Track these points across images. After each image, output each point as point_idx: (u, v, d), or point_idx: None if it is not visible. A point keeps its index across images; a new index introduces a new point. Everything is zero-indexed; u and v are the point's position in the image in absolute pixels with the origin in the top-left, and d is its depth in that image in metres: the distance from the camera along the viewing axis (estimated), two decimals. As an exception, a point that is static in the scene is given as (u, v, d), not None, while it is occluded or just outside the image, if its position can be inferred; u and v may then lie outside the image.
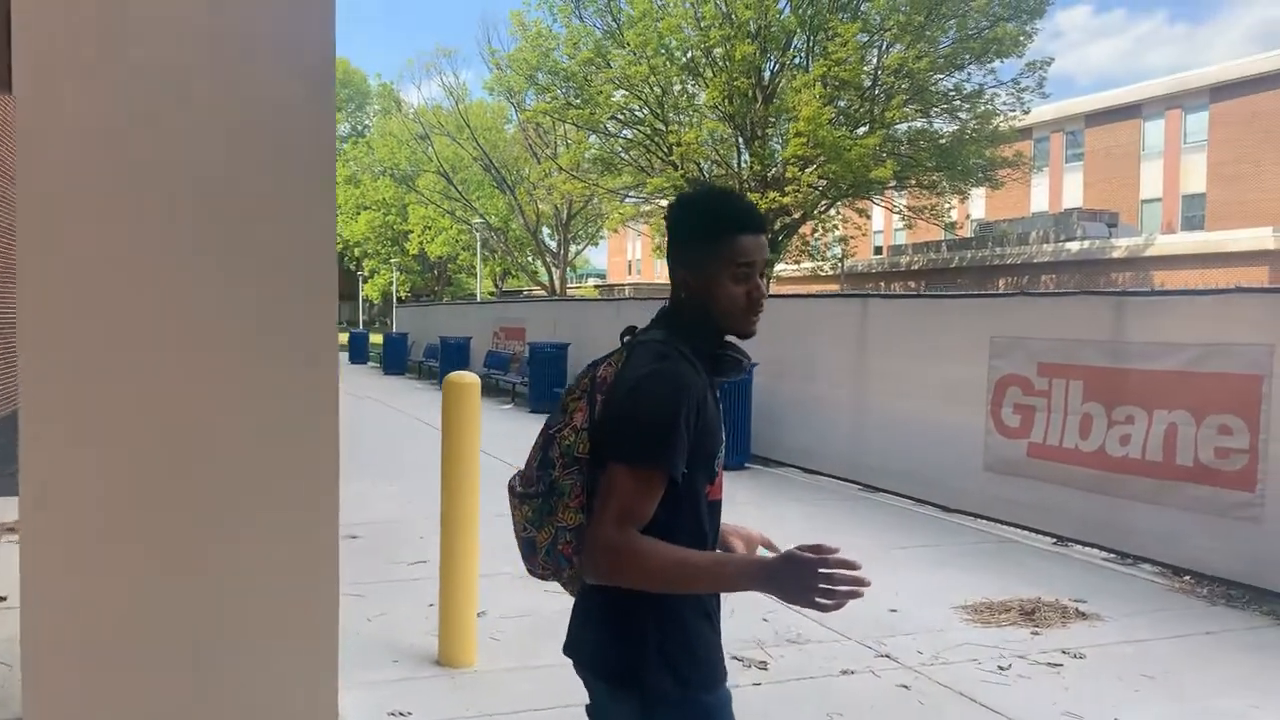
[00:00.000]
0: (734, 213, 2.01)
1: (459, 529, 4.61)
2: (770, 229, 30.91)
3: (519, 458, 9.14)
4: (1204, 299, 6.43)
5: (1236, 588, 6.05)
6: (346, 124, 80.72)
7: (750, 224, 1.99)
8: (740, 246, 1.96)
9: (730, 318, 1.99)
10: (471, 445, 4.60)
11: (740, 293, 1.97)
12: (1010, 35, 28.01)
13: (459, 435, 4.56)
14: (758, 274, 1.99)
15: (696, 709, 1.94)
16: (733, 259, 1.96)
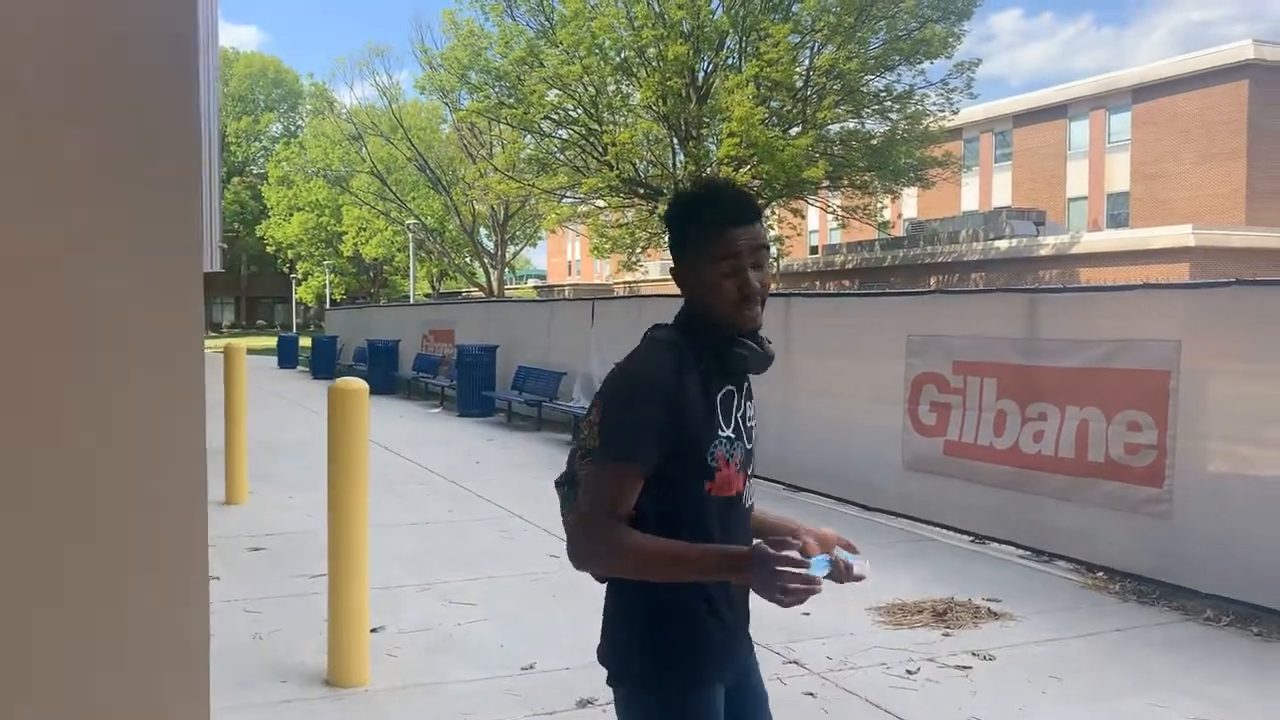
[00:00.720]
0: (716, 204, 1.97)
1: (347, 543, 4.40)
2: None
3: (440, 463, 8.97)
4: (1113, 295, 6.45)
5: (1148, 584, 6.06)
6: (279, 124, 79.34)
7: (732, 215, 1.95)
8: (723, 238, 1.93)
9: (721, 311, 1.95)
10: (359, 456, 4.40)
11: (730, 286, 1.93)
12: (939, 37, 28.34)
13: (346, 445, 4.36)
14: (748, 265, 1.93)
15: (675, 706, 1.94)
16: (717, 252, 1.93)
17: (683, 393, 1.92)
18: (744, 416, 2.04)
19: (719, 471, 1.96)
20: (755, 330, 2.00)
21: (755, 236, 1.96)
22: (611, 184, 31.05)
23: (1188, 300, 5.90)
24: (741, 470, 2.01)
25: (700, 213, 1.97)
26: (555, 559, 6.72)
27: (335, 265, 66.42)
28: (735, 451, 1.99)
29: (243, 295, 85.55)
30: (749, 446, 2.05)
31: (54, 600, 1.90)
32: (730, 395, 2.01)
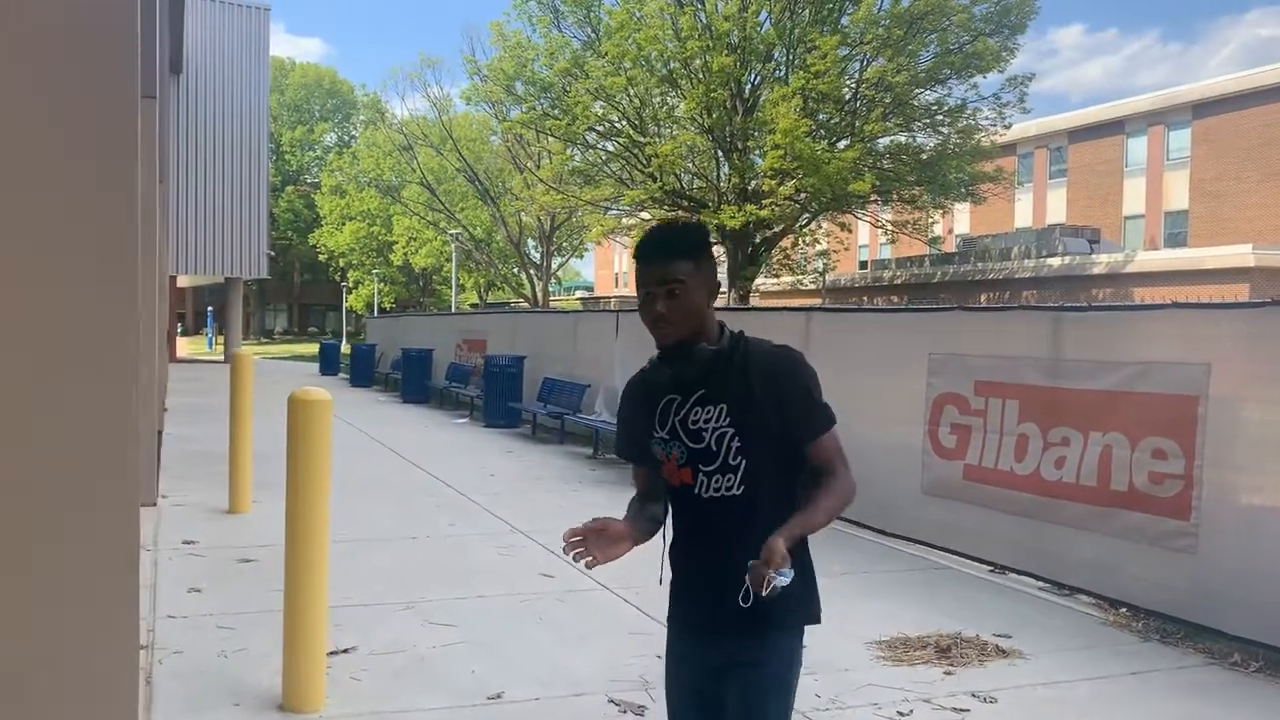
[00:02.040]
0: (640, 243, 2.38)
1: (305, 561, 4.20)
2: (750, 242, 30.63)
3: (454, 475, 8.72)
4: (1139, 315, 6.08)
5: (1172, 622, 5.67)
6: (333, 134, 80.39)
7: (636, 254, 2.38)
8: (636, 278, 2.39)
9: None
10: (320, 469, 4.20)
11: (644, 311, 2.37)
12: (991, 50, 27.83)
13: (306, 458, 4.16)
14: (658, 294, 2.32)
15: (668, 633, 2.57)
16: (638, 281, 2.38)
17: (631, 401, 2.54)
18: (683, 420, 2.38)
19: (663, 465, 2.43)
20: (668, 346, 2.36)
21: (662, 271, 2.31)
22: (655, 195, 30.87)
23: (1218, 321, 5.52)
24: (685, 466, 2.37)
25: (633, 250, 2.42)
26: (549, 578, 6.50)
27: (385, 274, 67.02)
28: (672, 449, 2.39)
29: (295, 302, 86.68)
30: (693, 446, 2.36)
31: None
32: (670, 402, 2.40)
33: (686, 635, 2.49)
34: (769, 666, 2.38)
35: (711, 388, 2.35)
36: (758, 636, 2.35)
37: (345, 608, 5.73)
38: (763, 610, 2.24)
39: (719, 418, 2.34)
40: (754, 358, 2.36)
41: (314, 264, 76.71)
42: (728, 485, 2.35)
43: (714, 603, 2.36)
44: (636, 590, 6.22)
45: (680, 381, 2.37)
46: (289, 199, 77.28)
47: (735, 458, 2.33)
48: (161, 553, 6.93)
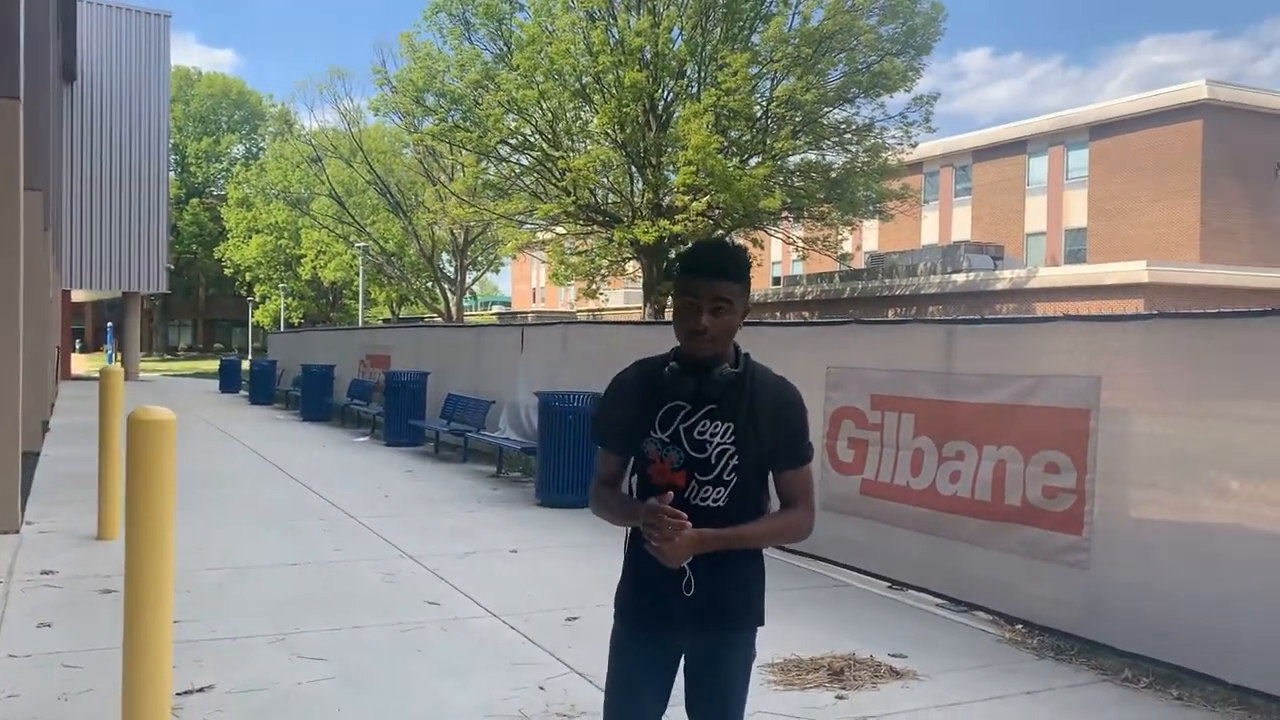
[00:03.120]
0: (687, 256, 2.55)
1: (146, 595, 3.85)
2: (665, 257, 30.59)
3: (347, 497, 8.30)
4: (1032, 328, 6.06)
5: (1066, 639, 5.61)
6: (240, 146, 78.49)
7: (687, 265, 2.53)
8: (680, 284, 2.53)
9: (678, 338, 2.56)
10: (163, 495, 3.86)
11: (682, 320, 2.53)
12: (898, 70, 28.27)
13: (146, 484, 3.82)
14: (706, 308, 2.47)
15: (615, 624, 2.69)
16: (678, 290, 2.53)
17: (627, 395, 2.62)
18: (689, 429, 2.52)
19: (652, 464, 2.54)
20: (701, 359, 2.51)
21: (716, 288, 2.47)
22: (568, 210, 30.67)
23: (1108, 334, 5.50)
24: (680, 470, 2.51)
25: (679, 261, 2.57)
26: (434, 606, 6.20)
27: (293, 289, 65.50)
28: (670, 453, 2.52)
29: (200, 318, 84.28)
30: (694, 455, 2.51)
31: None
32: (677, 409, 2.53)
33: (640, 628, 2.61)
34: (732, 659, 2.59)
35: (723, 405, 2.51)
36: (718, 634, 2.57)
37: (210, 641, 5.37)
38: (720, 608, 2.53)
39: (724, 435, 2.51)
40: (761, 384, 2.55)
41: (220, 278, 74.65)
42: (715, 497, 2.52)
43: (674, 599, 2.51)
44: (525, 617, 5.98)
45: (695, 393, 2.50)
46: (194, 211, 75.18)
47: (729, 474, 2.52)
48: (15, 584, 6.45)
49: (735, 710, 2.64)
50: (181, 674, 4.80)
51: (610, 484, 2.69)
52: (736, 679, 2.62)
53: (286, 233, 63.00)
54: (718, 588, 2.53)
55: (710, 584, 2.51)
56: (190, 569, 6.97)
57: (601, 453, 2.74)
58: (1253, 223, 37.04)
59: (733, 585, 2.56)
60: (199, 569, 6.94)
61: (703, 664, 2.61)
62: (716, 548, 2.47)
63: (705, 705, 2.63)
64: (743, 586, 2.59)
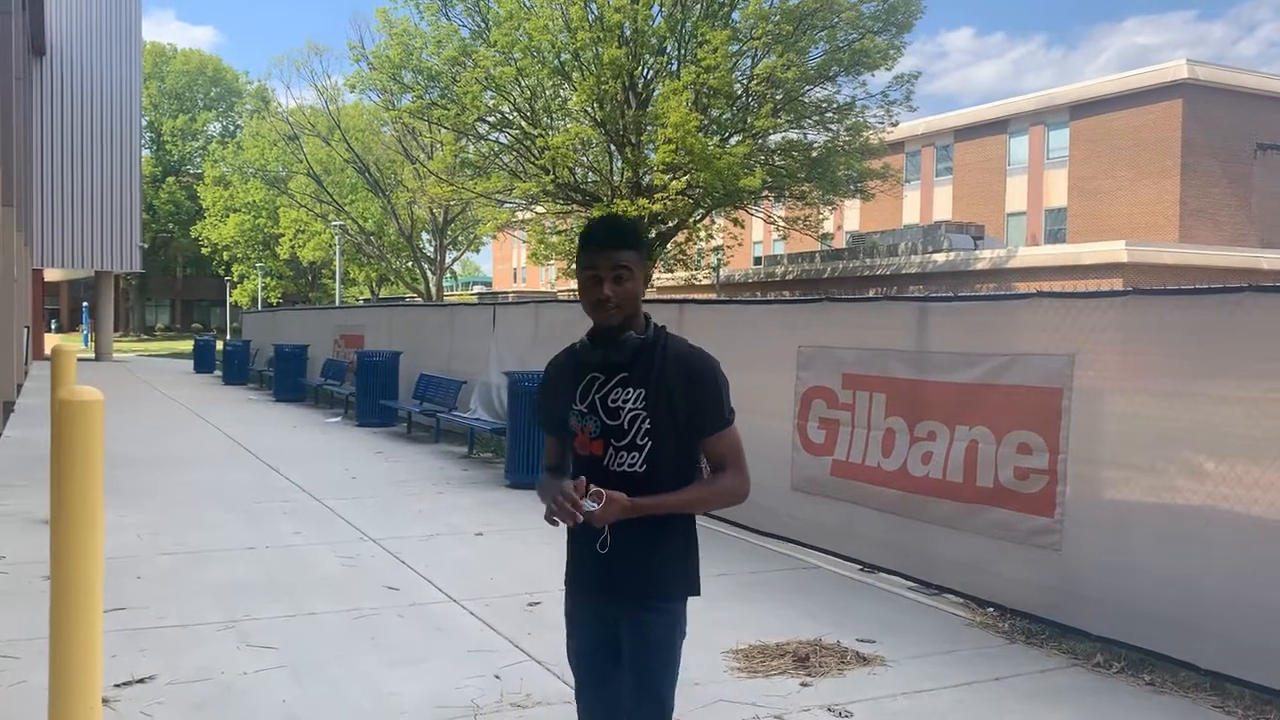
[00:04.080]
0: (588, 230, 2.65)
1: (73, 583, 3.66)
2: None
3: (313, 479, 8.07)
4: (1005, 305, 5.91)
5: (1038, 623, 5.50)
6: (217, 123, 77.53)
7: (586, 240, 2.64)
8: (581, 259, 2.63)
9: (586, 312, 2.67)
10: (90, 478, 3.66)
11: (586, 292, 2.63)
12: (879, 49, 28.04)
13: (72, 466, 3.62)
14: (606, 278, 2.57)
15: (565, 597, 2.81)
16: (581, 264, 2.63)
17: (556, 375, 2.78)
18: (603, 398, 2.63)
19: (576, 436, 2.68)
20: (606, 328, 2.62)
21: (613, 257, 2.57)
22: (547, 188, 30.38)
23: (1082, 310, 5.35)
24: (597, 438, 2.62)
25: (581, 236, 2.66)
26: (393, 591, 6.04)
27: (271, 268, 64.88)
28: (588, 422, 2.64)
29: (178, 298, 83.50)
30: (609, 422, 2.61)
31: None
32: (593, 380, 2.66)
33: (579, 597, 2.74)
34: (652, 629, 2.62)
35: (634, 373, 2.61)
36: (639, 600, 2.62)
37: (157, 629, 5.19)
38: (643, 576, 2.61)
39: (635, 400, 2.60)
40: (674, 353, 2.64)
41: (197, 258, 73.86)
42: (632, 461, 2.60)
43: (593, 559, 2.64)
44: (485, 602, 5.82)
45: (606, 362, 2.62)
46: (170, 190, 74.30)
47: (643, 438, 2.59)
48: (-41, 571, 6.24)
49: (657, 681, 2.63)
50: (122, 664, 4.65)
51: (554, 469, 2.82)
52: (658, 649, 2.63)
53: (264, 212, 62.32)
54: (635, 551, 2.60)
55: (628, 547, 2.60)
56: (144, 554, 6.80)
57: (546, 439, 2.91)
58: (1232, 203, 37.10)
59: (651, 550, 2.61)
60: (153, 554, 6.76)
61: (627, 632, 2.65)
62: (647, 513, 2.54)
63: (627, 675, 2.65)
64: (662, 552, 2.62)
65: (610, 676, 2.70)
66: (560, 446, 2.80)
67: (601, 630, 2.70)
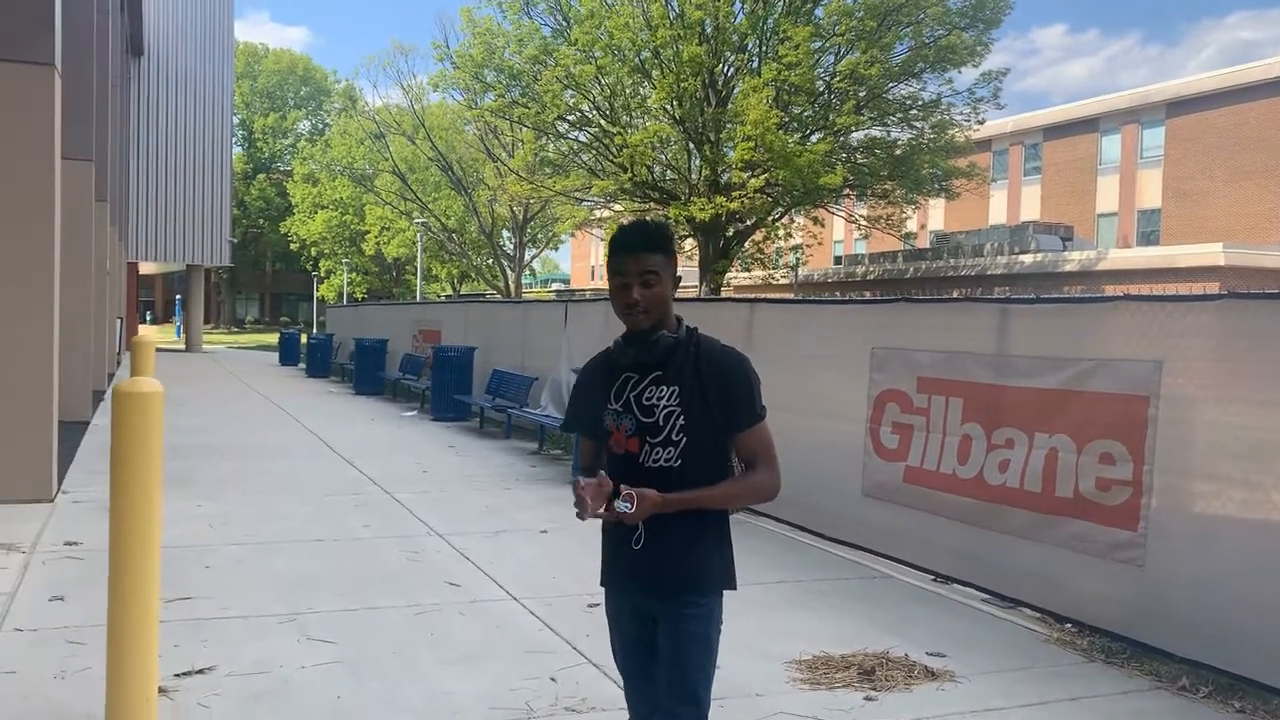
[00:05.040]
0: (615, 236, 2.68)
1: (131, 575, 3.70)
2: (721, 234, 30.16)
3: (385, 472, 8.12)
4: (1090, 307, 5.64)
5: (1118, 641, 5.24)
6: (307, 121, 79.34)
7: (614, 246, 2.67)
8: (610, 266, 2.68)
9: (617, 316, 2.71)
10: (149, 470, 3.69)
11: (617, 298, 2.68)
12: (966, 45, 27.42)
13: (131, 458, 3.66)
14: (634, 283, 2.62)
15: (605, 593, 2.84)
16: (610, 270, 2.68)
17: (590, 377, 2.84)
18: (638, 396, 2.67)
19: (611, 435, 2.72)
20: (637, 331, 2.67)
21: (640, 262, 2.62)
22: (625, 187, 30.38)
23: (1171, 314, 5.07)
24: (633, 436, 2.66)
25: (610, 242, 2.70)
26: (455, 587, 6.02)
27: (357, 264, 66.16)
28: (623, 420, 2.68)
29: (267, 292, 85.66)
30: (644, 419, 2.66)
31: None
32: (628, 380, 2.70)
33: (616, 594, 2.78)
34: (688, 623, 2.64)
35: (667, 371, 2.66)
36: (674, 596, 2.64)
37: (220, 620, 5.24)
38: (678, 572, 2.64)
39: (670, 398, 2.64)
40: (706, 351, 2.69)
41: (286, 253, 75.72)
42: (668, 457, 2.64)
43: (626, 554, 2.69)
44: (546, 602, 5.76)
45: (640, 363, 2.67)
46: (261, 187, 76.26)
47: (678, 434, 2.64)
48: (37, 555, 6.40)
49: (693, 680, 2.64)
50: (184, 653, 4.69)
51: (588, 470, 2.80)
52: (694, 646, 2.64)
53: (351, 208, 63.60)
54: (669, 547, 2.64)
55: (660, 542, 2.63)
56: (215, 543, 6.90)
57: (580, 441, 2.94)
58: (1339, 204, 35.46)
59: (686, 546, 2.64)
60: (222, 544, 6.85)
61: (663, 629, 2.67)
62: (678, 508, 2.59)
63: (663, 672, 2.67)
64: (697, 547, 2.66)
65: (654, 672, 2.72)
66: (595, 448, 2.82)
67: (640, 626, 2.74)
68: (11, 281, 7.74)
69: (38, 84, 7.52)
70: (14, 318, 7.76)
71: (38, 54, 7.50)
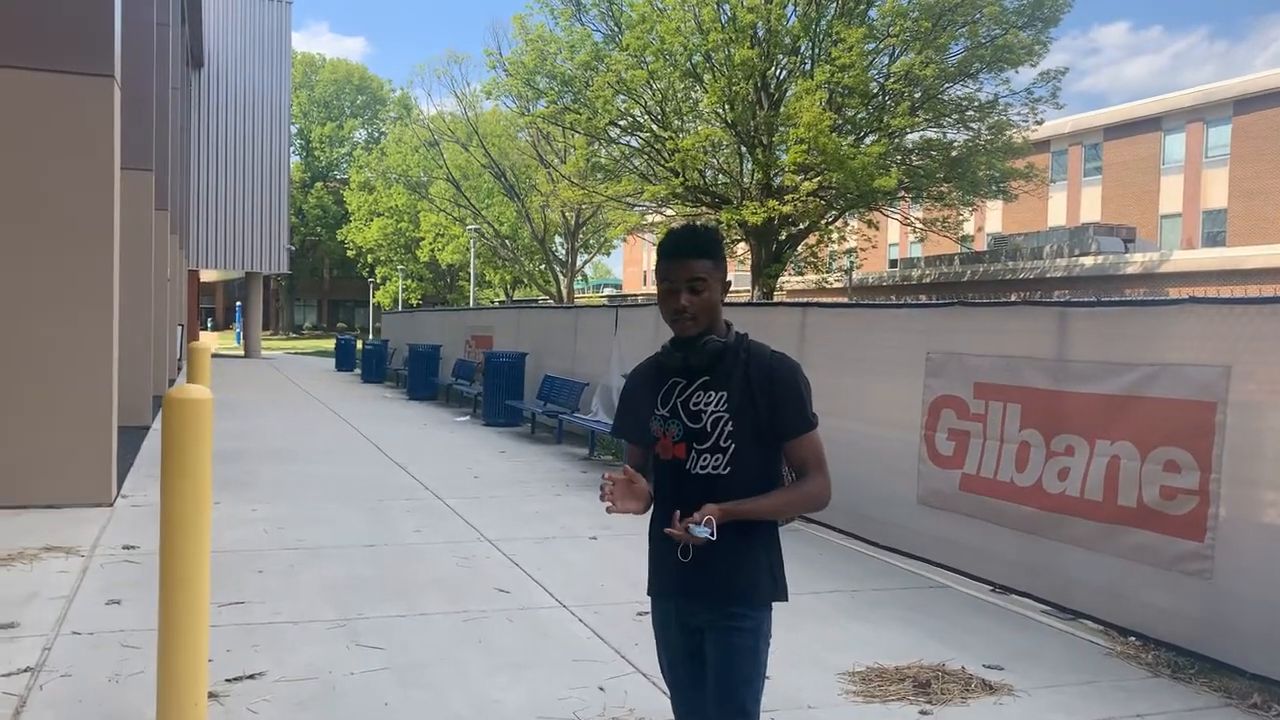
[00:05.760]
0: (662, 242, 2.65)
1: (182, 580, 3.72)
2: (774, 238, 29.98)
3: (436, 477, 8.13)
4: (1153, 311, 5.47)
5: (1185, 656, 5.07)
6: (362, 130, 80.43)
7: (662, 252, 2.64)
8: (659, 272, 2.65)
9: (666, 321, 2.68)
10: (198, 476, 3.71)
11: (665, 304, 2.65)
12: (1023, 44, 26.95)
13: (181, 464, 3.67)
14: (682, 289, 2.59)
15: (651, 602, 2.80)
16: (658, 276, 2.66)
17: (638, 382, 2.81)
18: (685, 401, 2.64)
19: (658, 441, 2.68)
20: (685, 338, 2.64)
21: (688, 268, 2.59)
22: (677, 191, 30.32)
23: (1240, 318, 4.90)
24: (681, 442, 2.63)
25: (658, 248, 2.67)
26: (504, 594, 6.00)
27: (412, 270, 66.87)
28: (670, 426, 2.65)
29: (324, 298, 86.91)
30: (691, 425, 2.62)
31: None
32: (675, 385, 2.68)
33: (664, 604, 2.74)
34: (736, 636, 2.59)
35: (716, 376, 2.63)
36: (724, 608, 2.60)
37: (272, 625, 5.26)
38: (728, 584, 2.60)
39: (718, 403, 2.61)
40: (755, 357, 2.65)
41: (343, 260, 76.77)
42: (715, 464, 2.61)
43: (674, 566, 2.64)
44: (595, 609, 5.72)
45: (688, 368, 2.65)
46: (318, 195, 77.43)
47: (726, 440, 2.60)
48: (96, 559, 6.50)
49: (741, 695, 2.60)
50: (236, 658, 4.72)
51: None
52: (742, 659, 2.60)
53: (406, 216, 64.33)
54: (719, 558, 2.58)
55: (711, 555, 2.56)
56: (268, 548, 6.96)
57: (627, 446, 2.87)
58: None
59: (736, 557, 2.60)
60: (275, 548, 6.90)
61: (712, 642, 2.63)
62: (736, 518, 2.53)
63: (711, 686, 2.63)
64: (747, 559, 2.62)
65: (701, 684, 2.69)
66: (642, 454, 2.79)
67: (688, 638, 2.70)
68: (72, 289, 7.90)
69: (98, 95, 7.67)
70: (75, 324, 7.92)
71: (98, 66, 7.65)
